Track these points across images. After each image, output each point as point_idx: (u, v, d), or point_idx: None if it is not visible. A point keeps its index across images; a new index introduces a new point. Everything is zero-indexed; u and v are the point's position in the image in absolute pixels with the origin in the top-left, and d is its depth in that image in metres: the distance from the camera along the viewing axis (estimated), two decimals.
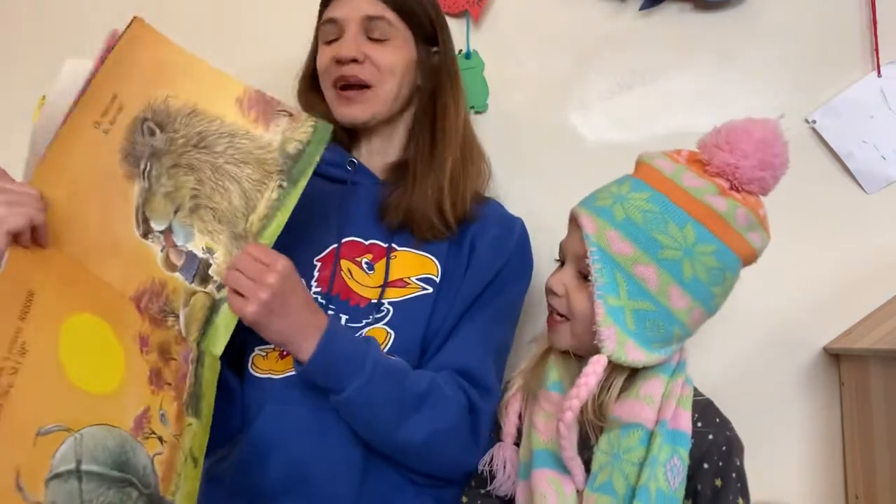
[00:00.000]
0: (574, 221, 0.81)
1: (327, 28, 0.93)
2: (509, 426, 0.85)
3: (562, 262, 0.84)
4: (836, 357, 1.07)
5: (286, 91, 1.02)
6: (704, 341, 1.08)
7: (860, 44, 1.10)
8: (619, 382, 0.77)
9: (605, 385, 0.77)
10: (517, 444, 0.86)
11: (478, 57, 1.17)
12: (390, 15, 0.91)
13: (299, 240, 0.90)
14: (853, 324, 1.06)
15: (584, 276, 0.78)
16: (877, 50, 1.09)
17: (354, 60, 0.90)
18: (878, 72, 1.09)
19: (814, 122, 1.10)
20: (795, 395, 1.08)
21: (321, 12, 0.96)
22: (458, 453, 0.84)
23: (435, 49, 0.97)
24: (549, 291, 0.83)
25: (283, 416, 0.82)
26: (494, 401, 0.88)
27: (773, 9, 1.13)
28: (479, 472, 0.86)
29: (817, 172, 1.10)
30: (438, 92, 0.95)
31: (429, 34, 0.96)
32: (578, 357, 0.85)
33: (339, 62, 0.90)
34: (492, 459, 0.84)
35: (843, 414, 1.06)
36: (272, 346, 0.86)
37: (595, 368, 0.73)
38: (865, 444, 1.01)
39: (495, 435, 0.88)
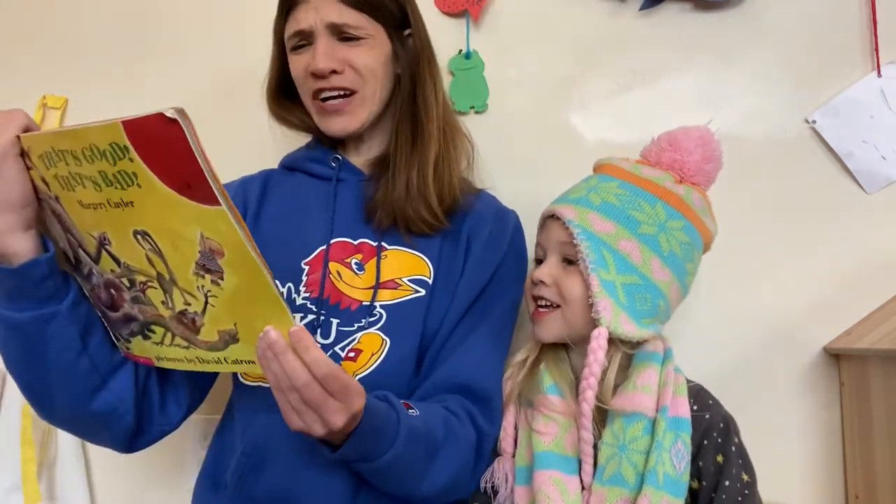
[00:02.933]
0: (549, 218, 0.87)
1: (295, 39, 0.88)
2: (507, 440, 0.86)
3: (539, 261, 0.87)
4: (836, 357, 1.07)
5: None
6: (705, 341, 1.09)
7: (860, 44, 1.11)
8: (614, 366, 0.80)
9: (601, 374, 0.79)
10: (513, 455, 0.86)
11: (478, 57, 1.17)
12: (356, 16, 0.85)
13: (286, 243, 0.88)
14: (853, 324, 1.06)
15: (569, 262, 0.83)
16: (877, 50, 1.09)
17: (333, 71, 0.85)
18: (878, 72, 1.09)
19: (814, 122, 1.10)
20: (795, 395, 1.08)
21: (282, 22, 0.90)
22: (468, 483, 0.83)
23: (408, 31, 0.92)
24: (537, 283, 0.84)
25: (274, 427, 0.77)
26: (499, 419, 0.86)
27: (773, 9, 1.13)
28: (482, 489, 0.85)
29: (817, 172, 1.10)
30: (417, 77, 0.91)
31: (399, 19, 0.91)
32: (570, 351, 0.87)
33: (318, 76, 0.86)
34: (492, 474, 0.84)
35: (843, 414, 1.06)
36: None
37: (599, 343, 0.77)
38: (865, 444, 1.01)
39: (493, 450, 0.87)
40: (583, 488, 0.78)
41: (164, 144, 0.53)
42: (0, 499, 1.15)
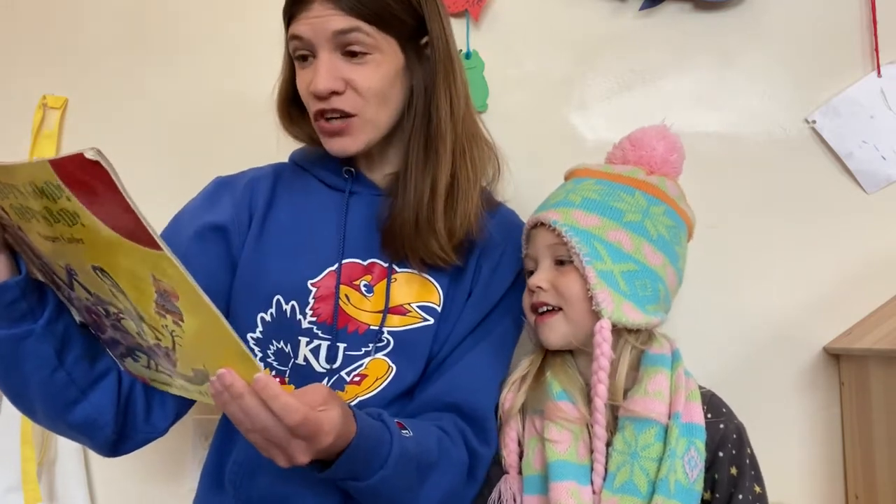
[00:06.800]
0: (533, 228, 0.87)
1: (295, 44, 0.81)
2: (512, 456, 0.84)
3: (531, 273, 0.86)
4: (836, 357, 1.07)
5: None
6: (705, 341, 1.09)
7: (860, 44, 1.11)
8: (624, 363, 0.80)
9: (610, 370, 0.78)
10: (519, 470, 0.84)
11: (478, 57, 1.17)
12: (364, 27, 0.78)
13: (292, 257, 0.85)
14: (853, 324, 1.06)
15: (562, 262, 0.83)
16: (877, 50, 1.09)
17: (334, 92, 0.79)
18: (878, 72, 1.09)
19: (814, 122, 1.10)
20: (795, 395, 1.08)
21: (286, 23, 0.83)
22: (461, 503, 0.82)
23: (425, 40, 0.84)
24: (535, 289, 0.83)
25: None
26: (494, 440, 0.84)
27: (773, 9, 1.13)
28: None
29: (817, 172, 1.10)
30: (433, 93, 0.83)
31: (415, 28, 0.83)
32: (576, 357, 0.86)
33: (318, 97, 0.80)
34: (500, 496, 0.83)
35: (843, 414, 1.06)
36: (258, 356, 0.82)
37: (603, 335, 0.76)
38: (865, 444, 1.01)
39: (497, 466, 0.86)
40: (593, 492, 0.77)
41: (92, 185, 0.50)
42: (0, 499, 1.15)
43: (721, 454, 0.78)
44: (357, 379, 0.82)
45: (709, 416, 0.79)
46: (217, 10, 1.28)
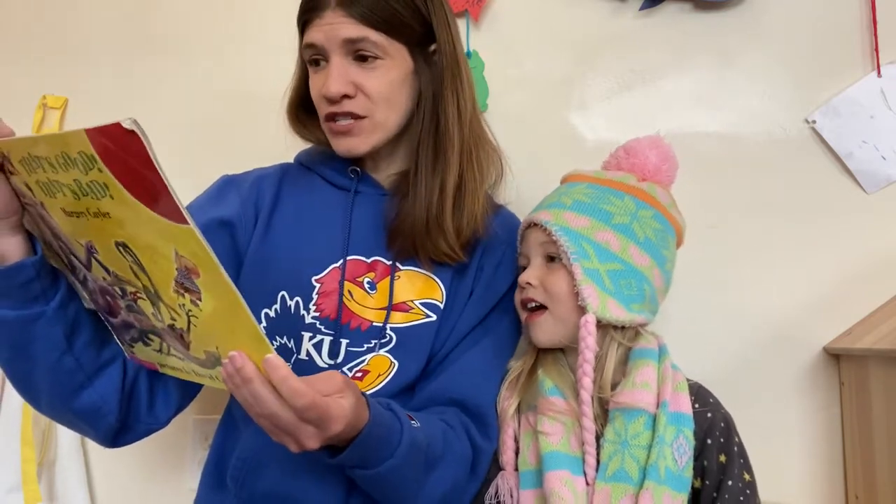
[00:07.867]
0: (527, 229, 0.89)
1: (309, 52, 0.84)
2: (508, 454, 0.85)
3: (524, 270, 0.88)
4: (836, 357, 1.07)
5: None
6: (705, 341, 1.09)
7: (860, 44, 1.11)
8: (612, 359, 0.82)
9: (598, 366, 0.81)
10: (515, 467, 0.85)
11: (478, 57, 1.17)
12: (374, 35, 0.80)
13: (296, 253, 0.86)
14: (853, 324, 1.06)
15: (551, 259, 0.85)
16: (877, 50, 1.09)
17: (345, 95, 0.82)
18: (878, 72, 1.09)
19: (814, 122, 1.10)
20: (795, 395, 1.08)
21: (300, 32, 0.86)
22: (460, 500, 0.83)
23: (433, 47, 0.87)
24: (524, 286, 0.86)
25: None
26: (495, 435, 0.86)
27: (773, 9, 1.13)
28: None
29: (817, 172, 1.10)
30: (440, 97, 0.86)
31: (423, 35, 0.85)
32: (567, 355, 0.88)
33: (330, 100, 0.82)
34: (497, 491, 0.83)
35: (843, 414, 1.06)
36: None
37: (588, 329, 0.79)
38: (865, 444, 1.01)
39: (494, 464, 0.86)
40: (586, 483, 0.78)
41: (126, 155, 0.51)
42: (0, 499, 1.15)
43: (709, 442, 0.79)
44: (359, 375, 0.82)
45: (696, 405, 0.81)
46: (218, 9, 1.28)
